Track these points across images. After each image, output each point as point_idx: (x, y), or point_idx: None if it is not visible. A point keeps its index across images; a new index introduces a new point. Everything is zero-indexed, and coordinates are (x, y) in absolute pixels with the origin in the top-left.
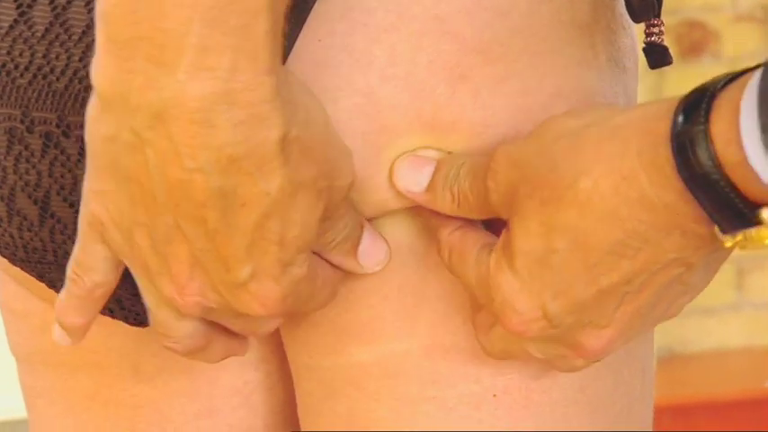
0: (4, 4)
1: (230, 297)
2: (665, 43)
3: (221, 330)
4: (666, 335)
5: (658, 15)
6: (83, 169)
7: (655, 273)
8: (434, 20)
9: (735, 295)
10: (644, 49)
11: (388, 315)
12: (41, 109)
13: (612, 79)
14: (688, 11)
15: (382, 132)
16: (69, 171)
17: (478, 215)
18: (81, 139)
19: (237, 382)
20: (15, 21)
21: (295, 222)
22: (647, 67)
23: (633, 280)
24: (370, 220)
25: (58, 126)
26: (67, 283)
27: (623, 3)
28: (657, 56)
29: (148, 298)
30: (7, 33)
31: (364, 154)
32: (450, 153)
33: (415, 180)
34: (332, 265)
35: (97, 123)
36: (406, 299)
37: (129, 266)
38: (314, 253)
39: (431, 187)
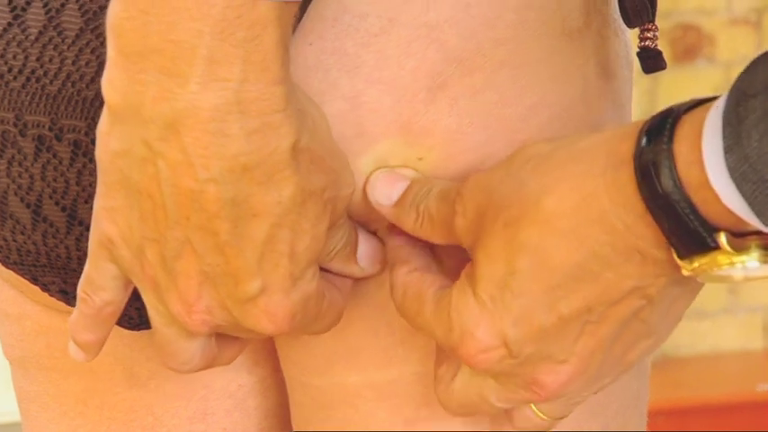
0: None
1: (239, 313)
2: (659, 47)
3: (228, 339)
4: None
5: (653, 20)
6: (75, 173)
7: (615, 303)
8: (424, 27)
9: (728, 299)
10: (638, 54)
11: (376, 345)
12: (34, 112)
13: (600, 89)
14: (682, 14)
15: (360, 137)
16: (62, 175)
17: (437, 238)
18: (74, 143)
19: (231, 386)
20: (9, 24)
21: (305, 232)
22: (642, 71)
23: (593, 308)
24: None
25: (50, 129)
26: (78, 302)
27: (617, 8)
28: (651, 61)
29: (156, 318)
30: (1, 36)
31: None
32: (422, 175)
33: (386, 194)
34: (333, 274)
35: (108, 138)
36: (395, 333)
37: (137, 286)
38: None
39: (399, 203)
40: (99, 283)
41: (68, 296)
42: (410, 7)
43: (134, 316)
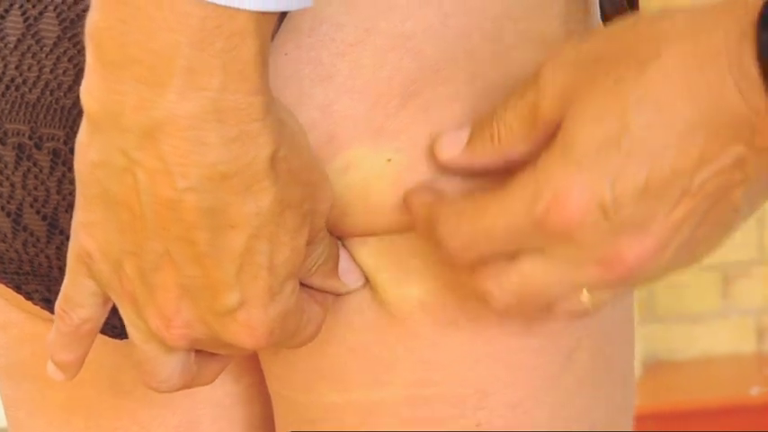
0: None
1: (218, 327)
2: None
3: (208, 354)
4: (653, 342)
5: None
6: (55, 182)
7: (717, 174)
8: (400, 37)
9: (721, 302)
10: None
11: (358, 367)
12: (14, 120)
13: None
14: None
15: (330, 143)
16: (42, 183)
17: (520, 143)
18: (53, 152)
19: (218, 394)
20: None
21: (284, 244)
22: None
23: (696, 174)
24: None
25: (30, 138)
26: (56, 319)
27: (599, 15)
28: None
29: (135, 333)
30: None
31: None
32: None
33: (454, 141)
34: (314, 290)
35: (87, 149)
36: (376, 356)
37: (116, 301)
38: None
39: (470, 142)
40: (77, 299)
41: (51, 304)
42: (387, 18)
43: (117, 325)
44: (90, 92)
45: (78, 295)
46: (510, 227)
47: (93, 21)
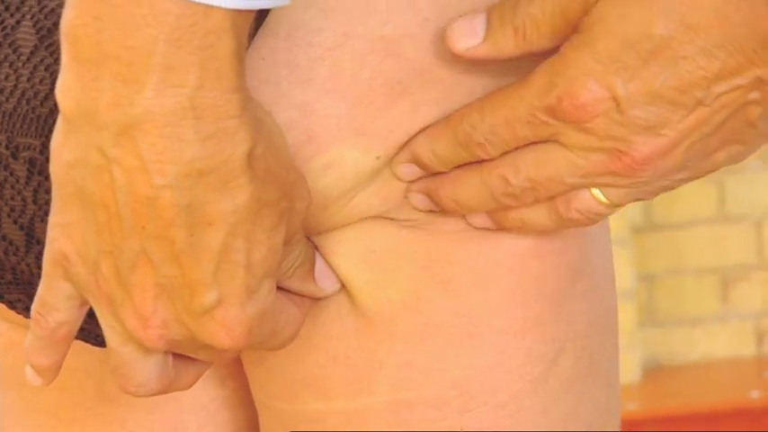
0: None
1: (195, 327)
2: None
3: (186, 359)
4: (653, 346)
5: None
6: (31, 191)
7: (734, 89)
8: (380, 40)
9: (720, 306)
10: None
11: (339, 375)
12: None
13: None
14: None
15: (310, 142)
16: (18, 193)
17: (545, 39)
18: (29, 161)
19: (203, 399)
20: None
21: (261, 243)
22: None
23: (712, 87)
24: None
25: (7, 147)
26: (32, 324)
27: None
28: None
29: (112, 336)
30: None
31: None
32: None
33: (469, 31)
34: (292, 293)
35: (62, 150)
36: (356, 364)
37: (92, 304)
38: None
39: (490, 34)
40: (53, 303)
41: None
42: (366, 22)
43: (100, 333)
44: (65, 90)
45: (54, 299)
46: (527, 113)
47: (68, 18)
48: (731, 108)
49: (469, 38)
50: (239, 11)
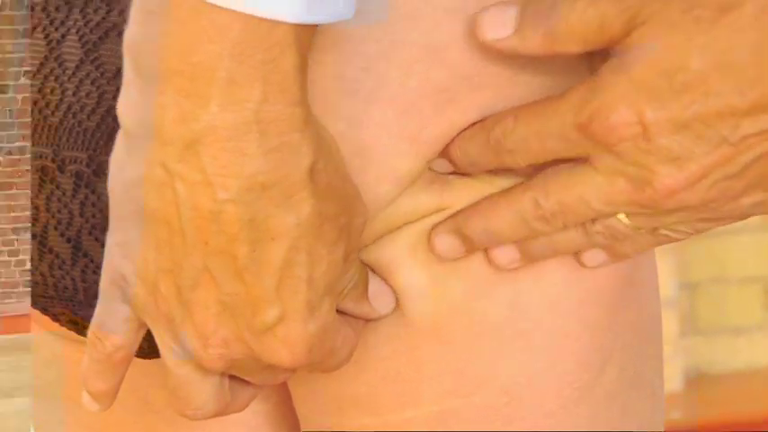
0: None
1: (256, 345)
2: None
3: (240, 380)
4: (694, 355)
5: None
6: (78, 204)
7: (762, 132)
8: (426, 48)
9: (763, 315)
10: None
11: (390, 391)
12: (37, 144)
13: None
14: None
15: (361, 153)
16: (65, 206)
17: (579, 46)
18: (76, 174)
19: (246, 414)
20: None
21: (322, 257)
22: None
23: (740, 126)
24: None
25: (53, 161)
26: (88, 347)
27: None
28: None
29: (169, 357)
30: None
31: None
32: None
33: (501, 22)
34: (347, 315)
35: (122, 166)
36: (405, 380)
37: (151, 326)
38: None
39: (520, 29)
40: (110, 326)
41: (78, 326)
42: (412, 29)
43: (144, 347)
44: (128, 106)
45: (112, 321)
46: (559, 128)
47: (131, 34)
48: (757, 151)
49: (499, 29)
50: (302, 25)
